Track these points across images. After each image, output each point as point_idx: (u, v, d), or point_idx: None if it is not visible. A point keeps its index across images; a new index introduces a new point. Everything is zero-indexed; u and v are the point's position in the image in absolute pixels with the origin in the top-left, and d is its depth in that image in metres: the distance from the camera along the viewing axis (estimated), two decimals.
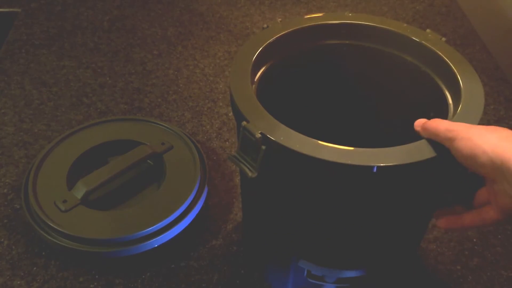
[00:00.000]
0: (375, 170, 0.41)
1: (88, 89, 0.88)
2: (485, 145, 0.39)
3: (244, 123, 0.45)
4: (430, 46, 0.53)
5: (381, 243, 0.52)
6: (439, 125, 0.43)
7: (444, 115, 0.50)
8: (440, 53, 0.53)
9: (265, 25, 0.56)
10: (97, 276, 0.62)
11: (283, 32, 0.55)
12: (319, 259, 0.53)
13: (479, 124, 0.44)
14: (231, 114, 0.84)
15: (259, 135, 0.43)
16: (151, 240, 0.61)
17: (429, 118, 0.46)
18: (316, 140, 0.43)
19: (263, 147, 0.43)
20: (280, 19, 0.57)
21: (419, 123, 0.45)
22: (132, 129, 0.75)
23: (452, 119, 0.46)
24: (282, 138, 0.43)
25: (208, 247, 0.65)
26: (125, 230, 0.61)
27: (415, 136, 0.45)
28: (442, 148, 0.42)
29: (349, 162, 0.41)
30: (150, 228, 0.61)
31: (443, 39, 0.55)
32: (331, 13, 0.58)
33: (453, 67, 0.51)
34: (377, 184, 0.44)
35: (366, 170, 0.41)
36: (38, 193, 0.65)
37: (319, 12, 1.08)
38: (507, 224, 0.69)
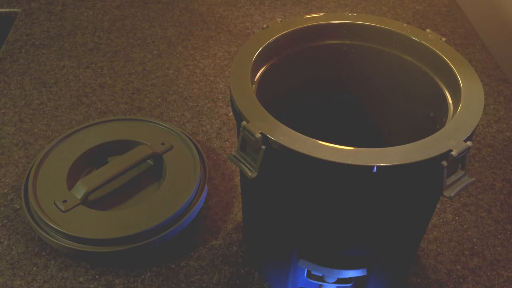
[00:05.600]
0: (375, 170, 0.41)
1: (88, 89, 0.88)
2: None
3: (244, 123, 0.45)
4: (430, 46, 0.53)
5: (381, 243, 0.52)
6: None
7: (444, 115, 0.50)
8: (440, 53, 0.53)
9: (265, 25, 0.56)
10: (97, 276, 0.62)
11: (283, 32, 0.55)
12: (319, 259, 0.53)
13: (479, 124, 0.44)
14: (231, 114, 0.84)
15: (259, 135, 0.43)
16: (151, 240, 0.61)
17: (429, 118, 0.46)
18: (316, 140, 0.43)
19: (263, 147, 0.44)
20: (280, 19, 0.57)
21: None
22: (132, 129, 0.75)
23: (452, 119, 0.46)
24: (282, 138, 0.43)
25: (208, 247, 0.65)
26: (125, 230, 0.61)
27: (415, 136, 0.45)
28: (442, 148, 0.43)
29: (349, 162, 0.41)
30: (150, 228, 0.61)
31: (443, 39, 0.55)
32: (331, 13, 0.58)
33: (453, 67, 0.51)
34: (377, 184, 0.44)
35: (366, 170, 0.42)
36: (38, 193, 0.65)
37: (319, 12, 1.08)
38: (507, 224, 0.69)
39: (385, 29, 0.56)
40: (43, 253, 0.64)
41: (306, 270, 0.55)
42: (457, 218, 0.70)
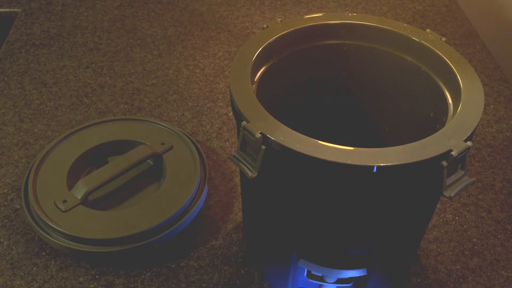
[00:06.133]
0: (375, 170, 0.41)
1: (88, 89, 0.88)
2: None
3: (244, 123, 0.45)
4: (430, 46, 0.53)
5: (381, 243, 0.52)
6: None
7: (444, 115, 0.50)
8: (440, 53, 0.53)
9: (265, 25, 0.56)
10: (97, 276, 0.62)
11: (283, 32, 0.55)
12: (319, 259, 0.53)
13: (479, 124, 0.44)
14: (231, 114, 0.84)
15: (259, 135, 0.43)
16: (151, 240, 0.61)
17: (429, 118, 0.46)
18: (316, 140, 0.43)
19: (263, 147, 0.44)
20: (280, 19, 0.57)
21: None
22: (132, 129, 0.75)
23: (452, 119, 0.46)
24: (282, 138, 0.43)
25: (208, 247, 0.65)
26: (125, 230, 0.61)
27: (415, 136, 0.45)
28: (442, 148, 0.43)
29: (349, 162, 0.41)
30: (150, 228, 0.61)
31: (443, 39, 0.55)
32: (331, 13, 0.58)
33: (453, 67, 0.51)
34: (377, 184, 0.44)
35: (366, 170, 0.42)
36: (38, 193, 0.65)
37: (319, 12, 1.08)
38: (507, 224, 0.69)
39: (385, 29, 0.56)
40: (43, 253, 0.64)
41: (306, 270, 0.55)
42: (457, 218, 0.70)
